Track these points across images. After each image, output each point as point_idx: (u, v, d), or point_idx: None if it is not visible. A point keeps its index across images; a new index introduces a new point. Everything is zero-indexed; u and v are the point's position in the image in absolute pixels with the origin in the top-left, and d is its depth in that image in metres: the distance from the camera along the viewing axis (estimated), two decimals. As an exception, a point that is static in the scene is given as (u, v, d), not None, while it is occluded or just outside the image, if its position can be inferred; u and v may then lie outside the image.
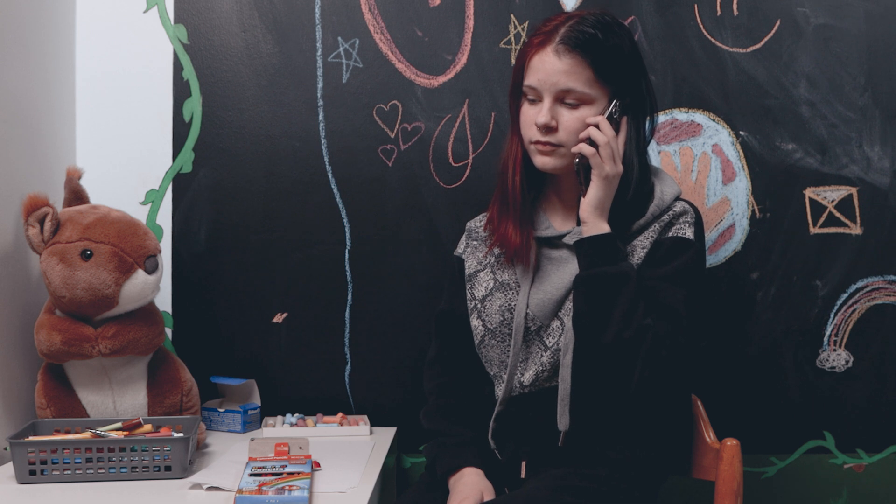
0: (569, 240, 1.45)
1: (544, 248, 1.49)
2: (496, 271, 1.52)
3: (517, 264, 1.49)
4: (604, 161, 1.39)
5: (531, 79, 1.42)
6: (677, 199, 1.47)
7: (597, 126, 1.40)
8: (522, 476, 1.44)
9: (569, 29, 1.40)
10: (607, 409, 1.40)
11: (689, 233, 1.43)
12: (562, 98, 1.41)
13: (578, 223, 1.45)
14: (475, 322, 1.52)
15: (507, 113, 1.89)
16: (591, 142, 1.40)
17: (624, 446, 1.40)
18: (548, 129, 1.41)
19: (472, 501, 1.37)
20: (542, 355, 1.44)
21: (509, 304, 1.47)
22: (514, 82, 1.47)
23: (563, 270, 1.45)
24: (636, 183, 1.44)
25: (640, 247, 1.42)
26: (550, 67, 1.39)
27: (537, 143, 1.43)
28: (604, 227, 1.39)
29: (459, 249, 1.63)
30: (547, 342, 1.43)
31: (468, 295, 1.55)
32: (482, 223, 1.61)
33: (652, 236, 1.43)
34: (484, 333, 1.50)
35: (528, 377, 1.45)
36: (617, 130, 1.42)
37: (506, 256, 1.51)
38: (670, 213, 1.45)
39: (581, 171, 1.41)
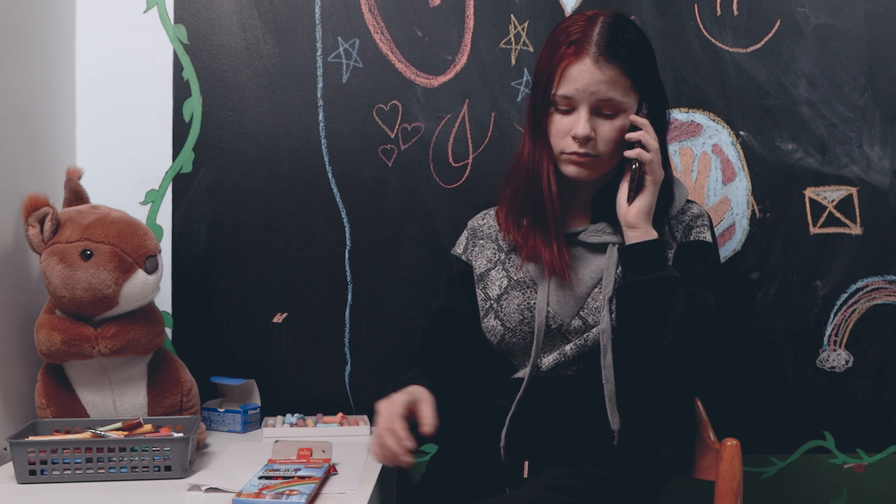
0: (588, 238, 1.45)
1: None
2: (508, 269, 1.51)
3: (555, 275, 1.45)
4: (655, 166, 1.39)
5: (566, 88, 1.39)
6: (687, 200, 1.50)
7: (639, 129, 1.39)
8: (525, 476, 1.44)
9: (603, 36, 1.38)
10: (652, 407, 1.42)
11: (708, 236, 1.46)
12: (598, 108, 1.39)
13: (594, 221, 1.47)
14: (492, 322, 1.49)
15: (508, 114, 1.90)
16: (640, 145, 1.39)
17: (660, 443, 1.43)
18: (587, 140, 1.39)
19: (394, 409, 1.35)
20: (563, 345, 1.44)
21: (528, 303, 1.46)
22: (542, 91, 1.42)
23: (582, 268, 1.45)
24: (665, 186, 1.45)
25: (667, 248, 1.44)
26: (590, 78, 1.37)
27: (573, 153, 1.41)
28: (653, 233, 1.39)
29: (459, 249, 1.61)
30: (569, 336, 1.44)
31: (481, 295, 1.53)
32: (485, 221, 1.61)
33: (674, 239, 1.44)
34: (503, 333, 1.48)
35: (547, 362, 1.44)
36: None
37: (547, 272, 1.45)
38: (688, 214, 1.47)
39: (636, 177, 1.39)
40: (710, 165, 1.91)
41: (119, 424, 1.53)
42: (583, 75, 1.37)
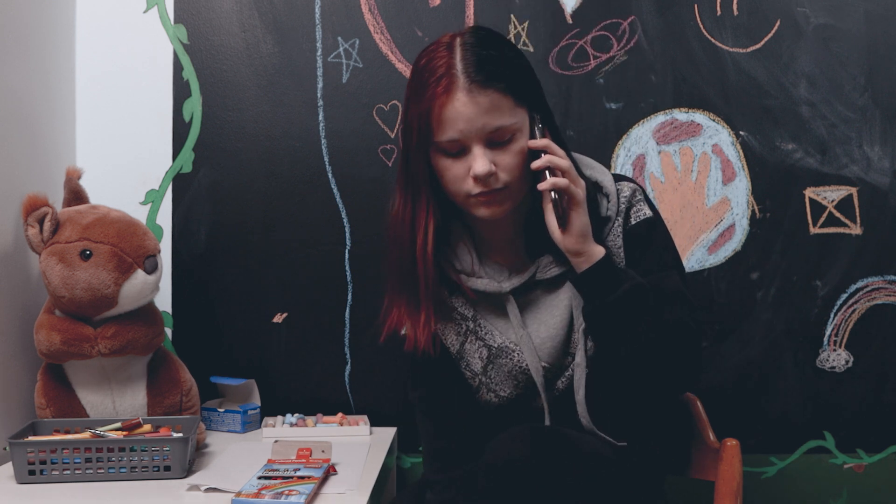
0: (544, 275, 1.36)
1: (516, 298, 1.37)
2: (483, 336, 1.39)
3: (419, 351, 1.35)
4: (576, 184, 1.26)
5: (450, 132, 1.24)
6: (616, 181, 1.37)
7: (545, 151, 1.26)
8: None
9: (468, 61, 1.24)
10: (629, 416, 1.37)
11: (647, 210, 1.35)
12: (490, 139, 1.24)
13: (534, 255, 1.36)
14: (487, 396, 1.40)
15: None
16: (549, 170, 1.25)
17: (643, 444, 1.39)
18: (489, 175, 1.25)
19: None
20: (555, 384, 1.40)
21: (519, 367, 1.37)
22: (418, 139, 1.26)
23: (552, 310, 1.37)
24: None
25: (616, 246, 1.35)
26: (471, 112, 1.22)
27: (479, 195, 1.27)
28: (599, 252, 1.28)
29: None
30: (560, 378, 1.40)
31: (466, 373, 1.41)
32: None
33: (619, 231, 1.35)
34: (499, 402, 1.41)
35: (541, 403, 1.40)
36: None
37: (407, 345, 1.37)
38: (622, 198, 1.35)
39: (559, 204, 1.26)
40: (710, 165, 1.91)
41: (118, 424, 1.53)
42: (461, 114, 1.22)
